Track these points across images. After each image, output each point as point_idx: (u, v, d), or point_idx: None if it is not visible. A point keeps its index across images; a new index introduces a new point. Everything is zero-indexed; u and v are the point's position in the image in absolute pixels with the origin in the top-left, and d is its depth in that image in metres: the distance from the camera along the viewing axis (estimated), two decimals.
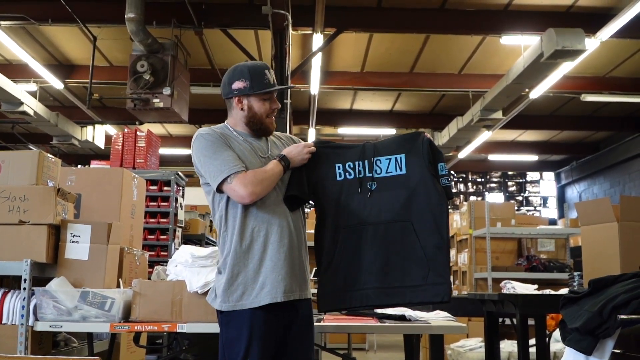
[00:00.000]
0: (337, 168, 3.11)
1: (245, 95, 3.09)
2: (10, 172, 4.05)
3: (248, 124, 3.12)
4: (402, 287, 2.95)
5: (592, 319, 3.07)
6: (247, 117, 3.11)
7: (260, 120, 3.10)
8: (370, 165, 3.09)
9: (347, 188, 3.09)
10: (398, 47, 11.64)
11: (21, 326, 3.66)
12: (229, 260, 2.94)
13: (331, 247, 3.04)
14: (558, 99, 14.15)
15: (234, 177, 2.89)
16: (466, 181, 23.32)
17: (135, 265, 4.52)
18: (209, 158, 2.97)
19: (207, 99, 14.16)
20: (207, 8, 9.66)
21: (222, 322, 2.96)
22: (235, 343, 2.87)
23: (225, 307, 2.91)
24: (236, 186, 2.89)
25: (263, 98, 3.09)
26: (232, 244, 2.95)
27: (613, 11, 9.44)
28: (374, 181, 3.06)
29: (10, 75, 11.19)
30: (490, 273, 8.70)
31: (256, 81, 3.08)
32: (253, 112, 3.10)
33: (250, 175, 2.91)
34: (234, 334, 2.88)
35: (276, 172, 2.98)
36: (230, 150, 2.98)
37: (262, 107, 3.09)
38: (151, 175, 8.03)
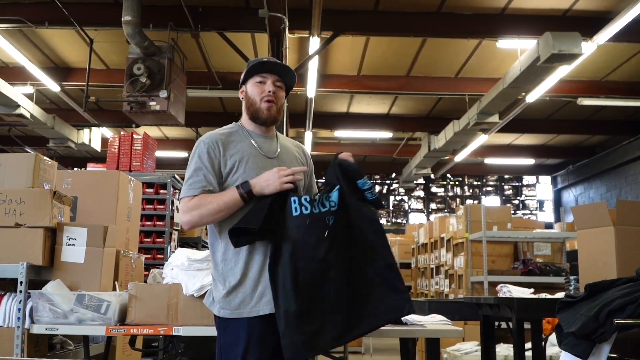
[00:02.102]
0: (293, 202, 2.85)
1: (244, 84, 3.11)
2: (7, 175, 4.05)
3: (248, 112, 3.10)
4: (368, 314, 2.89)
5: (588, 323, 3.07)
6: (246, 105, 3.10)
7: (255, 104, 3.06)
8: (322, 199, 2.89)
9: (304, 224, 2.84)
10: (394, 50, 11.65)
11: (17, 329, 3.65)
12: (228, 268, 2.92)
13: (292, 290, 2.77)
14: (554, 103, 14.17)
15: (183, 200, 2.90)
16: (462, 185, 23.38)
17: (131, 268, 4.51)
18: (188, 171, 2.96)
19: (203, 102, 14.19)
20: (204, 11, 9.67)
21: (219, 327, 2.95)
22: (233, 348, 2.85)
23: (224, 314, 2.89)
24: (181, 210, 2.92)
25: (256, 81, 3.06)
26: (229, 252, 2.92)
27: (610, 15, 9.47)
28: (331, 215, 2.86)
29: (7, 78, 11.18)
30: (487, 277, 8.70)
31: (251, 67, 3.08)
32: (248, 97, 3.09)
33: (194, 202, 2.87)
34: (232, 339, 2.87)
35: (226, 200, 2.86)
36: (209, 169, 2.93)
37: (254, 89, 3.06)
38: (147, 178, 8.03)
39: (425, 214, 23.04)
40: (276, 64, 3.09)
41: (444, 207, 23.19)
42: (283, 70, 3.11)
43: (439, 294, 11.44)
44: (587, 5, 9.76)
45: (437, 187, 23.40)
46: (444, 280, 11.15)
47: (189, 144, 18.19)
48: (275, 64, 3.09)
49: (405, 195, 23.28)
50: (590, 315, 3.08)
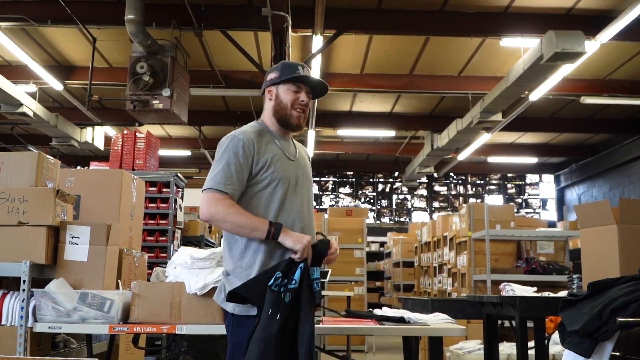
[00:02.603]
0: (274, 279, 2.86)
1: (275, 85, 3.18)
2: (10, 174, 4.05)
3: (275, 115, 3.17)
4: None
5: (591, 321, 3.07)
6: (274, 107, 3.17)
7: (285, 109, 3.13)
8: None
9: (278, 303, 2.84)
10: (398, 49, 11.64)
11: (20, 327, 3.65)
12: (247, 264, 2.96)
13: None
14: (557, 102, 14.15)
15: (213, 193, 2.94)
16: (465, 183, 23.37)
17: (135, 266, 4.52)
18: (219, 163, 2.98)
19: (206, 101, 14.19)
20: (207, 9, 9.67)
21: (232, 324, 2.97)
22: (245, 345, 2.87)
23: (238, 312, 2.93)
24: (205, 201, 2.95)
25: (291, 89, 3.14)
26: (250, 249, 2.97)
27: (613, 13, 9.45)
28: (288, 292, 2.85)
29: (10, 77, 11.18)
30: (490, 275, 8.70)
31: (286, 71, 3.15)
32: (279, 101, 3.15)
33: (226, 203, 2.91)
34: (244, 337, 2.89)
35: (253, 225, 2.90)
36: (242, 166, 2.97)
37: (287, 96, 3.14)
38: (150, 177, 8.03)
39: (428, 213, 23.04)
40: (317, 80, 3.20)
41: (447, 205, 23.18)
42: (319, 85, 3.21)
43: (441, 293, 11.44)
44: (591, 3, 9.74)
45: (440, 186, 23.39)
46: (446, 278, 11.14)
47: (192, 142, 18.20)
48: (315, 79, 3.19)
49: (408, 193, 23.27)
50: (593, 313, 3.08)
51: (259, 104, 13.81)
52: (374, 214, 23.10)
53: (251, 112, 14.22)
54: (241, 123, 15.48)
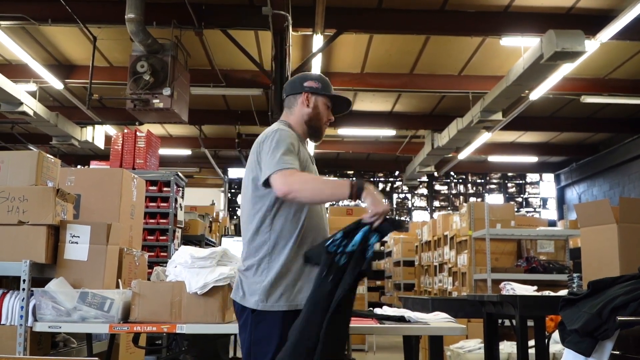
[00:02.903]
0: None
1: (315, 94, 3.26)
2: (10, 173, 4.05)
3: (308, 122, 3.25)
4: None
5: (591, 320, 3.07)
6: (310, 114, 3.25)
7: (320, 121, 3.27)
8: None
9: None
10: (398, 48, 11.64)
11: (20, 327, 3.65)
12: (275, 260, 2.99)
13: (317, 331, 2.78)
14: (558, 101, 14.16)
15: (284, 170, 2.89)
16: (466, 182, 23.36)
17: (135, 266, 4.52)
18: (279, 148, 2.96)
19: (207, 100, 14.19)
20: (207, 9, 9.67)
21: (252, 321, 2.97)
22: (265, 343, 2.91)
23: (262, 307, 2.94)
24: (279, 178, 2.88)
25: (326, 104, 3.29)
26: (279, 245, 3.00)
27: (613, 13, 9.45)
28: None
29: (10, 76, 11.19)
30: (490, 274, 8.70)
31: (326, 87, 3.30)
32: (317, 112, 3.26)
33: (299, 175, 2.92)
34: (265, 333, 2.93)
35: (335, 186, 2.93)
36: (295, 153, 3.01)
37: (325, 110, 3.28)
38: (151, 176, 8.03)
39: (428, 212, 23.04)
40: (348, 109, 3.42)
41: (447, 204, 23.18)
42: (342, 111, 3.41)
43: (442, 292, 11.43)
44: (591, 3, 9.74)
45: (441, 185, 23.39)
46: (447, 277, 11.14)
47: (192, 141, 18.21)
48: (348, 107, 3.42)
49: (409, 193, 23.27)
50: (593, 312, 3.08)
51: (259, 103, 13.83)
52: None
53: (252, 111, 14.22)
54: (242, 122, 15.52)
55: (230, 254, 3.90)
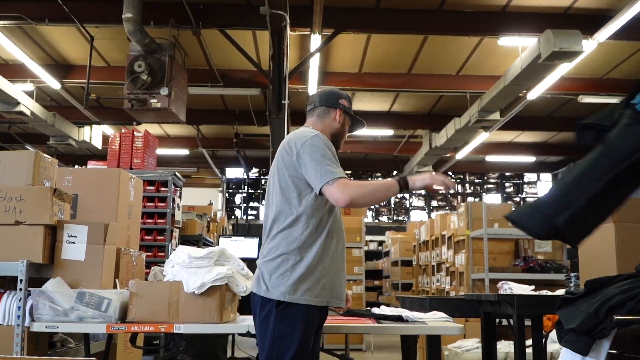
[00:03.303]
0: None
1: (345, 113, 3.52)
2: (7, 173, 4.05)
3: (334, 136, 3.46)
4: None
5: (588, 319, 3.07)
6: (338, 130, 3.50)
7: (342, 136, 3.55)
8: None
9: None
10: (396, 48, 11.65)
11: (17, 327, 3.65)
12: (305, 255, 3.10)
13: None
14: (555, 101, 14.17)
15: (338, 180, 3.06)
16: (464, 182, 23.37)
17: (132, 265, 4.51)
18: (324, 156, 3.14)
19: (204, 100, 14.18)
20: (205, 8, 9.66)
21: (275, 315, 3.04)
22: (289, 337, 2.99)
23: (289, 299, 3.02)
24: (336, 190, 3.04)
25: (348, 124, 3.58)
26: (309, 240, 3.12)
27: (610, 13, 9.45)
28: None
29: (7, 75, 11.18)
30: (488, 274, 8.71)
31: (351, 107, 3.60)
32: (343, 129, 3.54)
33: (352, 184, 3.09)
34: (289, 328, 3.01)
35: (387, 186, 3.16)
36: (335, 157, 3.22)
37: (346, 127, 3.57)
38: (148, 176, 8.02)
39: (426, 212, 23.06)
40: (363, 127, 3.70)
41: (445, 204, 23.20)
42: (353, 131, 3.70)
43: (440, 291, 11.44)
44: (588, 3, 9.75)
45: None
46: (445, 277, 11.15)
47: (190, 141, 18.19)
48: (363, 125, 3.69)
49: (407, 192, 23.25)
50: (590, 311, 3.08)
51: (257, 103, 13.82)
52: (372, 213, 23.11)
53: (249, 111, 14.21)
54: (239, 122, 15.52)
55: (227, 254, 3.90)
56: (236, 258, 3.93)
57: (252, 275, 3.88)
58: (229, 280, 3.71)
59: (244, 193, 22.98)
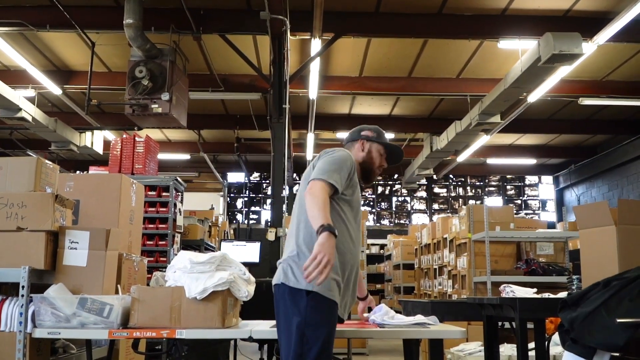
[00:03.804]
0: None
1: (370, 141, 3.60)
2: (8, 179, 4.05)
3: (362, 164, 3.56)
4: None
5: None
6: (364, 158, 3.56)
7: (372, 165, 3.57)
8: None
9: None
10: (396, 51, 11.66)
11: (19, 333, 3.65)
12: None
13: None
14: (556, 103, 14.17)
15: (325, 183, 3.20)
16: (465, 185, 23.36)
17: (134, 271, 4.51)
18: (335, 162, 3.29)
19: (205, 104, 14.20)
20: (206, 14, 9.68)
21: (307, 303, 3.11)
22: (321, 325, 3.10)
23: (317, 289, 3.12)
24: (318, 185, 3.19)
25: (380, 152, 3.59)
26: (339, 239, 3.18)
27: (610, 15, 9.47)
28: None
29: (9, 82, 11.20)
30: (490, 277, 8.69)
31: (381, 136, 3.66)
32: (370, 156, 3.57)
33: (326, 195, 3.19)
34: (320, 317, 3.11)
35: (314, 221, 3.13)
36: (346, 177, 3.31)
37: (378, 156, 3.59)
38: (150, 181, 8.02)
39: (428, 215, 23.04)
40: (401, 157, 3.68)
41: (446, 207, 23.18)
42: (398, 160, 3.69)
43: (442, 295, 11.43)
44: (587, 5, 9.76)
45: (440, 188, 23.39)
46: (447, 280, 11.14)
47: (191, 146, 18.21)
48: (401, 156, 3.68)
49: (408, 196, 23.27)
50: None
51: (257, 108, 13.84)
52: (373, 217, 23.09)
53: (250, 115, 14.23)
54: (240, 127, 15.54)
55: (229, 259, 3.89)
56: (238, 263, 3.93)
57: (254, 280, 3.89)
58: (231, 285, 3.70)
59: (245, 197, 22.97)
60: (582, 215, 4.58)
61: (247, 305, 4.03)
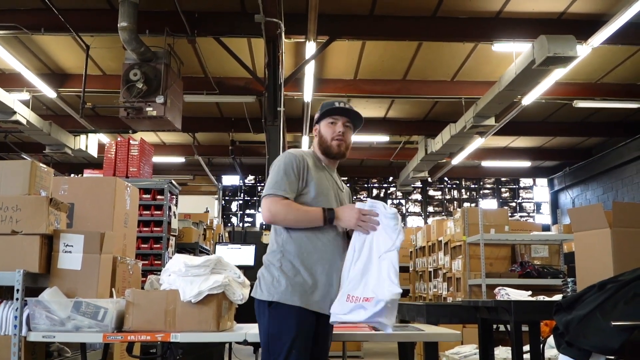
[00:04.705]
0: None
1: (317, 124, 3.52)
2: (3, 182, 4.04)
3: (320, 147, 3.46)
4: None
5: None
6: (319, 142, 3.47)
7: (326, 142, 3.43)
8: None
9: None
10: (391, 54, 11.67)
11: (14, 337, 3.64)
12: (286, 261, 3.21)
13: None
14: (550, 106, 14.20)
15: (273, 197, 3.18)
16: (459, 188, 23.38)
17: (129, 274, 4.50)
18: (276, 173, 3.24)
19: (200, 107, 14.18)
20: (200, 17, 9.68)
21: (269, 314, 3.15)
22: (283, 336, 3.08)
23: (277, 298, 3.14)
24: (266, 205, 3.19)
25: (329, 122, 3.46)
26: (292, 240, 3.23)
27: (604, 18, 9.50)
28: None
29: (3, 85, 11.18)
30: (484, 279, 8.70)
31: (324, 109, 3.50)
32: (321, 135, 3.47)
33: (283, 203, 3.17)
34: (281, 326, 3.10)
35: (313, 218, 3.19)
36: (295, 178, 3.24)
37: (327, 130, 3.45)
38: (144, 184, 8.02)
39: (422, 217, 23.05)
40: (347, 110, 3.47)
41: (441, 210, 23.19)
42: (353, 114, 3.49)
43: (437, 297, 11.43)
44: (582, 8, 9.79)
45: (435, 190, 23.41)
46: (442, 283, 11.14)
47: (185, 149, 18.19)
48: (346, 109, 3.47)
49: (403, 198, 23.28)
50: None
51: (252, 111, 13.84)
52: None
53: (245, 118, 14.22)
54: (235, 129, 15.52)
55: (224, 262, 3.89)
56: (232, 266, 3.92)
57: (249, 283, 3.89)
58: (226, 289, 3.70)
59: (240, 200, 22.95)
60: (576, 218, 4.59)
61: (242, 309, 4.03)
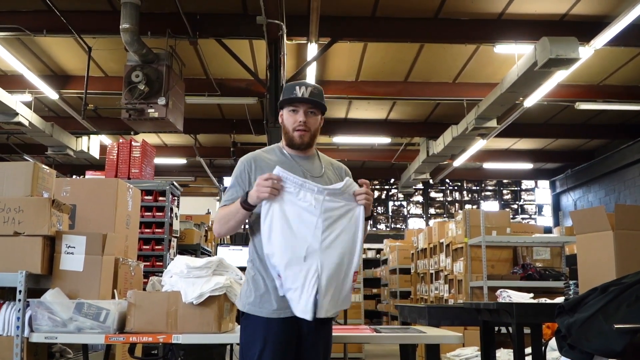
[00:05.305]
0: None
1: (281, 110, 3.25)
2: (5, 184, 4.05)
3: (285, 139, 3.23)
4: None
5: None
6: (283, 131, 3.24)
7: (288, 132, 3.19)
8: None
9: None
10: (392, 56, 11.67)
11: (16, 337, 3.64)
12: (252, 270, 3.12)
13: None
14: (552, 107, 14.19)
15: (220, 209, 3.13)
16: (461, 189, 23.38)
17: (130, 276, 4.51)
18: (229, 186, 3.17)
19: (202, 109, 14.19)
20: (202, 18, 9.68)
21: (242, 323, 3.08)
22: (252, 346, 2.98)
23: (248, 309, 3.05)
24: (218, 214, 3.12)
25: (290, 110, 3.18)
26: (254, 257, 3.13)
27: (607, 19, 9.49)
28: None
29: (5, 86, 11.18)
30: (486, 282, 8.69)
31: (285, 95, 3.19)
32: (284, 125, 3.22)
33: (220, 214, 3.09)
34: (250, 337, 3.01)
35: (234, 208, 3.01)
36: (240, 186, 3.10)
37: (289, 118, 3.19)
38: (146, 186, 8.03)
39: (424, 219, 23.04)
40: (306, 99, 3.15)
41: (442, 212, 23.19)
42: (312, 102, 3.18)
43: (438, 299, 11.43)
44: (584, 10, 9.78)
45: (436, 192, 23.40)
46: (443, 285, 11.14)
47: (187, 150, 18.20)
48: (304, 99, 3.14)
49: (404, 200, 23.27)
50: None
51: (254, 112, 13.85)
52: (370, 221, 23.07)
53: (247, 120, 14.23)
54: (236, 131, 15.54)
55: (226, 263, 3.90)
56: (234, 268, 3.93)
57: None
58: (227, 290, 3.70)
59: None
60: (579, 220, 4.59)
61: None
